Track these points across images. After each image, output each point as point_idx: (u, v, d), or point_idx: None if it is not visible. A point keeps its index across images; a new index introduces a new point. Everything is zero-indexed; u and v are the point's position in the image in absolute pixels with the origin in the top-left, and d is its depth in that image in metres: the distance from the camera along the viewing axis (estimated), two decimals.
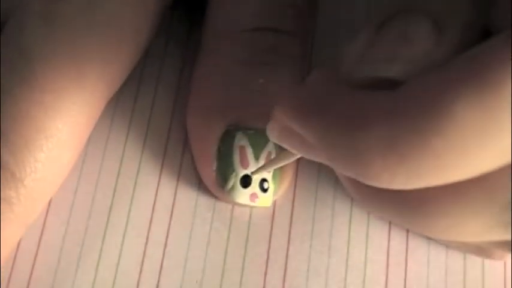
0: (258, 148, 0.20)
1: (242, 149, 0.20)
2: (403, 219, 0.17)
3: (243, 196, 0.20)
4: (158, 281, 0.20)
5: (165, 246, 0.20)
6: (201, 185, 0.21)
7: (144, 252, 0.20)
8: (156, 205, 0.21)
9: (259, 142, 0.20)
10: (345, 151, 0.13)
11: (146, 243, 0.20)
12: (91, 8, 0.19)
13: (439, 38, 0.14)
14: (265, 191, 0.20)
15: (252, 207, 0.21)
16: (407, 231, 0.21)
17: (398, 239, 0.21)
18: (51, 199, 0.20)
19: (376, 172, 0.13)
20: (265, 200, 0.20)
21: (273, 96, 0.20)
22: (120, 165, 0.21)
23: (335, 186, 0.22)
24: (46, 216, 0.20)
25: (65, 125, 0.18)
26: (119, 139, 0.21)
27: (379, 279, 0.21)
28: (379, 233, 0.21)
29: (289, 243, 0.21)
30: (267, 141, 0.20)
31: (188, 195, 0.21)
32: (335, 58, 0.16)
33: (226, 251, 0.21)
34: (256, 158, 0.20)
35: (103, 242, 0.20)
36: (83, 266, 0.20)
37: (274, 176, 0.21)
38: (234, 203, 0.21)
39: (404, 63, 0.14)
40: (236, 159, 0.20)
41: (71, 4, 0.19)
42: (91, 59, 0.19)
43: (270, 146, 0.20)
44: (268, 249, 0.21)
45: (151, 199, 0.21)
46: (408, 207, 0.16)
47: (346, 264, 0.21)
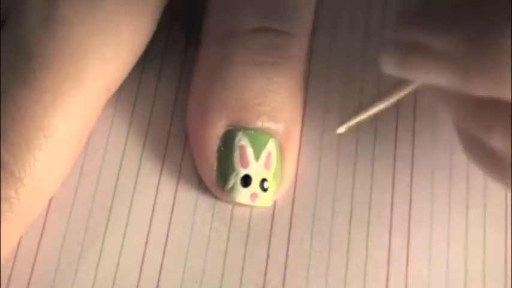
0: (258, 148, 0.20)
1: (242, 148, 0.20)
2: None
3: (243, 196, 0.20)
4: (158, 281, 0.20)
5: (165, 246, 0.20)
6: (201, 185, 0.21)
7: (144, 252, 0.20)
8: (156, 205, 0.21)
9: (259, 142, 0.20)
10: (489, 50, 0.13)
11: (146, 243, 0.20)
12: (90, 7, 0.19)
13: None
14: (265, 190, 0.20)
15: (252, 207, 0.21)
16: (407, 230, 0.21)
17: (399, 238, 0.21)
18: (51, 199, 0.20)
19: None
20: (266, 199, 0.20)
21: (273, 96, 0.20)
22: (120, 165, 0.21)
23: (335, 186, 0.22)
24: (46, 216, 0.20)
25: (64, 124, 0.18)
26: (119, 139, 0.21)
27: (380, 278, 0.21)
28: (380, 232, 0.21)
29: (289, 243, 0.21)
30: (267, 141, 0.20)
31: (188, 195, 0.21)
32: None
33: (226, 250, 0.21)
34: (256, 157, 0.20)
35: (103, 242, 0.20)
36: (83, 266, 0.20)
37: (274, 175, 0.21)
38: (234, 203, 0.21)
39: None
40: (236, 159, 0.20)
41: (70, 4, 0.19)
42: (90, 58, 0.19)
43: (270, 145, 0.20)
44: (268, 249, 0.21)
45: (151, 199, 0.21)
46: None
47: (346, 264, 0.21)
